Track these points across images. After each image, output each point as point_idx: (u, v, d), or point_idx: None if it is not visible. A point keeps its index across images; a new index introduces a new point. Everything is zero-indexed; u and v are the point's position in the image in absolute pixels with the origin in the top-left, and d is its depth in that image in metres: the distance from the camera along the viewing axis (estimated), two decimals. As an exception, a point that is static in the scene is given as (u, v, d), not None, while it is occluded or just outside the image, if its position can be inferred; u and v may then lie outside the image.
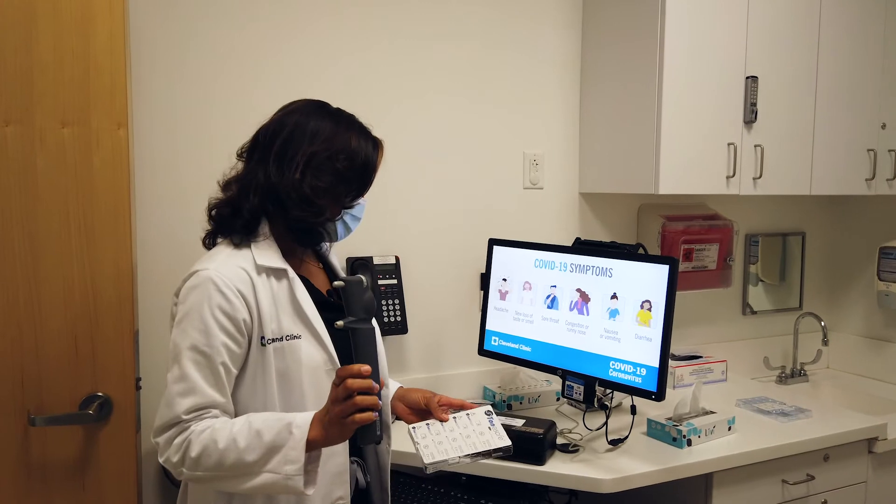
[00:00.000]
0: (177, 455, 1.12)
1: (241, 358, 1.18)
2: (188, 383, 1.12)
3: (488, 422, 1.34)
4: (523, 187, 2.26)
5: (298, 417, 1.11)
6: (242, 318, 1.16)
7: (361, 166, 1.28)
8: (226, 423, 1.12)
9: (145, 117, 1.77)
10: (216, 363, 1.14)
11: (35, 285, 1.40)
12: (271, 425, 1.10)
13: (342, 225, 1.31)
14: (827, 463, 1.92)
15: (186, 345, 1.14)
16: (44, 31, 1.38)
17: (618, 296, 1.71)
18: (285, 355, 1.19)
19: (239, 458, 1.08)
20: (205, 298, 1.14)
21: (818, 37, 2.18)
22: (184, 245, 1.80)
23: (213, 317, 1.14)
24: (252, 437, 1.09)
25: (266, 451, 1.08)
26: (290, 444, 1.08)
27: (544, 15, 2.23)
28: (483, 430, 1.32)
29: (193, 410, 1.12)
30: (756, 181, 2.12)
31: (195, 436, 1.11)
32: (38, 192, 1.39)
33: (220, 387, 1.15)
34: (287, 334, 1.20)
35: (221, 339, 1.14)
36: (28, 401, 1.41)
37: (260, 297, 1.18)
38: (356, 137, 1.28)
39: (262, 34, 1.90)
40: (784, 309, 2.67)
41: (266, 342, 1.18)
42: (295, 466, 1.07)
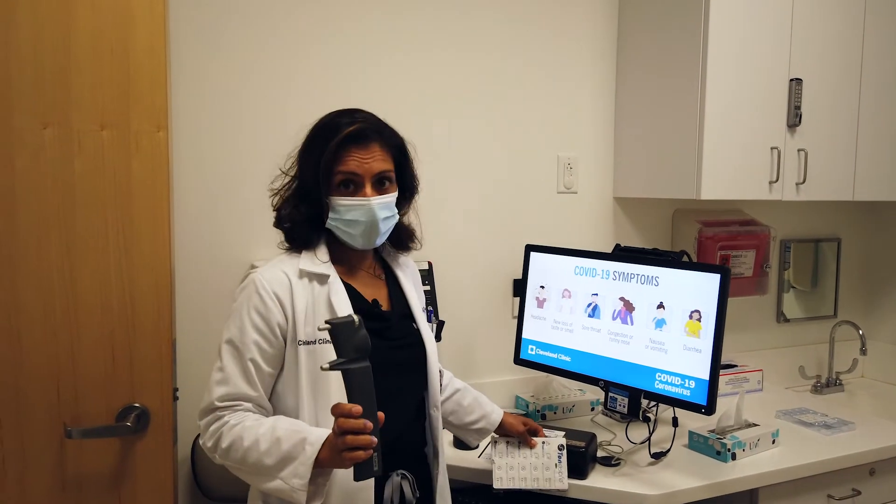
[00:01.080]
0: (211, 441, 1.21)
1: (275, 357, 1.23)
2: (224, 374, 1.21)
3: (557, 457, 1.54)
4: (557, 192, 2.22)
5: (314, 434, 1.15)
6: (277, 321, 1.22)
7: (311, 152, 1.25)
8: (256, 422, 1.18)
9: (185, 120, 1.73)
10: (246, 359, 1.21)
11: (72, 293, 1.35)
12: (290, 436, 1.15)
13: (339, 231, 1.27)
14: (873, 477, 1.87)
15: (226, 338, 1.23)
16: (82, 30, 1.33)
17: (665, 305, 1.66)
18: (316, 358, 1.22)
19: (259, 460, 1.15)
20: (246, 299, 1.23)
21: (862, 38, 2.13)
22: (222, 252, 1.77)
23: (249, 316, 1.22)
24: (273, 443, 1.14)
25: (282, 459, 1.13)
26: (301, 460, 1.12)
27: (580, 16, 2.19)
28: (549, 466, 1.54)
29: (227, 399, 1.20)
30: (799, 186, 2.07)
31: (227, 428, 1.18)
32: (75, 196, 1.34)
33: (251, 381, 1.21)
34: (320, 338, 1.22)
35: (254, 337, 1.21)
36: (64, 412, 1.36)
37: (297, 300, 1.23)
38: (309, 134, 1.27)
39: (300, 35, 1.86)
40: (818, 317, 2.62)
41: (300, 343, 1.22)
42: (301, 482, 1.12)
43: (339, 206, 1.24)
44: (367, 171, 1.24)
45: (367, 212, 1.25)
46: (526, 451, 1.54)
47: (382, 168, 1.26)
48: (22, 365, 1.34)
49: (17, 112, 1.30)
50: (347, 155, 1.22)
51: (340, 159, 1.22)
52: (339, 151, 1.22)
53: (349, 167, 1.23)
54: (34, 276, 1.34)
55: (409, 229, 1.42)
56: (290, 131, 1.31)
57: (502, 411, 1.60)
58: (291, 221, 1.28)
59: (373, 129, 1.25)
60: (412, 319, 1.37)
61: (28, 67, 1.31)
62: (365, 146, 1.23)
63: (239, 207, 1.79)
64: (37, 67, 1.31)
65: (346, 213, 1.24)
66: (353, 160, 1.22)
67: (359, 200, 1.24)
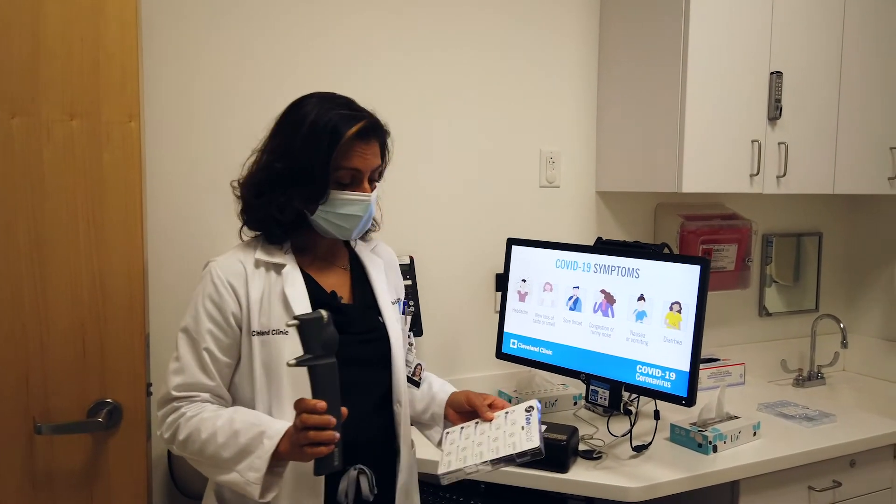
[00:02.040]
0: (168, 433, 1.20)
1: (231, 347, 1.22)
2: (180, 363, 1.20)
3: (525, 420, 1.22)
4: (539, 186, 2.21)
5: (272, 428, 1.14)
6: (231, 311, 1.21)
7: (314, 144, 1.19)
8: (213, 413, 1.18)
9: (157, 110, 1.70)
10: (200, 348, 1.20)
11: (41, 286, 1.33)
12: (248, 429, 1.14)
13: (328, 223, 1.24)
14: (853, 469, 1.88)
15: (182, 327, 1.22)
16: (51, 17, 1.30)
17: (645, 297, 1.66)
18: (269, 349, 1.21)
19: (216, 452, 1.14)
20: (202, 288, 1.23)
21: (842, 32, 2.13)
22: (197, 244, 1.74)
23: (204, 306, 1.21)
24: (230, 436, 1.14)
25: (239, 452, 1.13)
26: (258, 453, 1.12)
27: (562, 11, 2.18)
28: (514, 431, 1.19)
29: (183, 389, 1.19)
30: (780, 179, 2.08)
31: (184, 420, 1.18)
32: (44, 188, 1.32)
33: (207, 371, 1.20)
34: (274, 329, 1.21)
35: (208, 326, 1.20)
36: (33, 408, 1.34)
37: (251, 290, 1.22)
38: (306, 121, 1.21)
39: (278, 26, 1.83)
40: (799, 310, 2.63)
41: (254, 334, 1.21)
42: (256, 475, 1.11)
43: (339, 201, 1.22)
44: (368, 168, 1.24)
45: (365, 207, 1.24)
46: (484, 427, 1.25)
47: (378, 164, 1.27)
48: (-10, 359, 1.31)
49: (-17, 101, 1.28)
50: (353, 151, 1.21)
51: (348, 155, 1.21)
52: (348, 147, 1.20)
53: (354, 163, 1.22)
54: (2, 269, 1.31)
55: None
56: (266, 123, 1.28)
57: (451, 390, 1.42)
58: (274, 217, 1.23)
59: (377, 127, 1.25)
60: (378, 312, 1.32)
61: (-5, 55, 1.28)
62: (368, 142, 1.23)
63: (214, 199, 1.76)
64: (3, 56, 1.28)
65: (343, 206, 1.22)
66: (358, 156, 1.22)
67: (360, 196, 1.23)
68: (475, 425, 1.28)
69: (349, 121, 1.20)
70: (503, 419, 1.25)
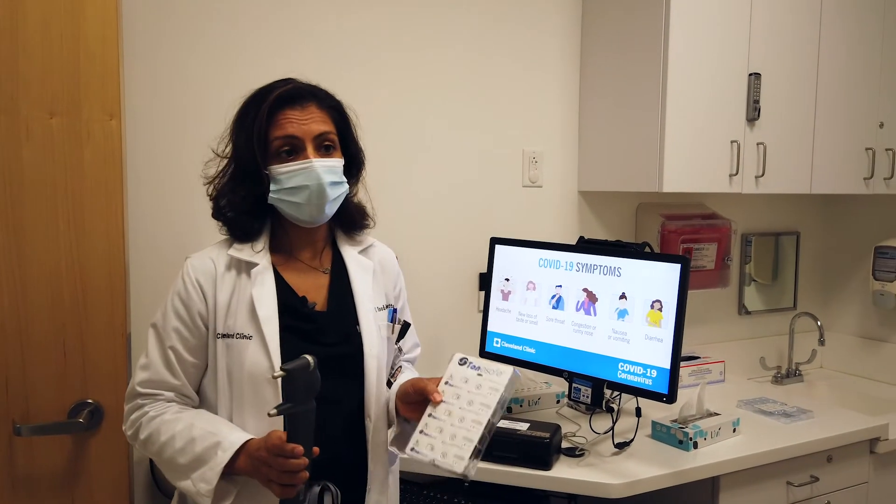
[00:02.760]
0: (130, 430, 1.19)
1: (198, 348, 1.19)
2: (147, 359, 1.19)
3: (474, 371, 1.14)
4: (522, 185, 2.22)
5: (228, 440, 1.11)
6: (198, 310, 1.19)
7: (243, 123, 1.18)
8: (175, 416, 1.16)
9: (138, 108, 1.68)
10: (166, 345, 1.18)
11: (21, 285, 1.31)
12: (205, 437, 1.12)
13: (285, 204, 1.18)
14: (830, 464, 1.91)
15: (152, 322, 1.21)
16: (31, 14, 1.29)
17: (627, 295, 1.67)
18: (232, 353, 1.17)
19: (172, 457, 1.13)
20: (174, 285, 1.21)
21: (819, 34, 2.17)
22: (179, 243, 1.72)
23: (173, 303, 1.19)
24: (187, 442, 1.12)
25: (193, 460, 1.11)
26: (210, 465, 1.10)
27: (544, 11, 2.19)
28: (472, 397, 1.12)
29: (148, 385, 1.18)
30: (758, 179, 2.11)
31: (147, 419, 1.17)
32: (23, 186, 1.31)
33: (172, 369, 1.18)
34: (239, 332, 1.17)
35: (174, 324, 1.18)
36: (13, 408, 1.32)
37: (220, 291, 1.19)
38: (240, 106, 1.22)
39: (258, 24, 1.83)
40: (778, 309, 2.67)
41: (218, 336, 1.18)
42: (207, 487, 1.10)
43: (280, 175, 1.15)
44: (307, 133, 1.16)
45: (310, 174, 1.15)
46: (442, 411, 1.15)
47: (322, 129, 1.18)
48: (-32, 360, 1.30)
49: (-39, 99, 1.26)
50: (283, 117, 1.15)
51: (276, 123, 1.14)
52: (273, 115, 1.14)
53: (286, 131, 1.15)
54: (-20, 269, 1.29)
55: (360, 206, 1.32)
56: None
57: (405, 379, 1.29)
58: (233, 211, 1.20)
59: (306, 90, 1.19)
60: (356, 320, 1.25)
61: (-28, 53, 1.27)
62: (301, 106, 1.16)
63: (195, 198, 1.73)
64: (-18, 53, 1.27)
65: (287, 180, 1.15)
66: (290, 123, 1.15)
67: (300, 164, 1.15)
68: (434, 416, 1.16)
69: (272, 89, 1.17)
70: (449, 390, 1.17)
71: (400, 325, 1.33)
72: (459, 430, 1.13)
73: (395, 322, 1.32)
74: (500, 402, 1.10)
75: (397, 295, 1.39)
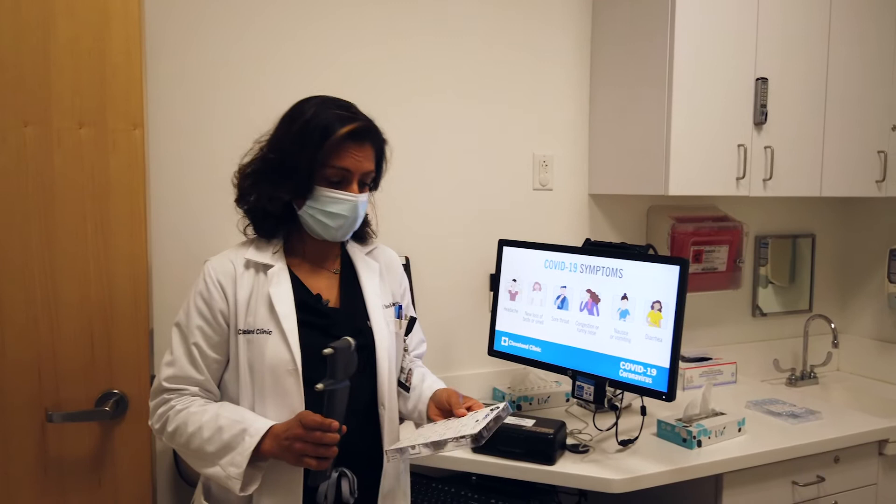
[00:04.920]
0: (158, 423, 1.26)
1: (220, 345, 1.26)
2: (172, 356, 1.26)
3: (484, 414, 1.23)
4: (533, 189, 2.27)
5: (254, 426, 1.19)
6: (219, 308, 1.26)
7: (305, 141, 1.22)
8: (201, 408, 1.23)
9: (161, 117, 1.78)
10: (190, 342, 1.25)
11: (52, 284, 1.42)
12: (231, 426, 1.19)
13: (314, 220, 1.26)
14: (837, 465, 1.92)
15: (175, 321, 1.28)
16: (62, 33, 1.40)
17: (628, 296, 1.72)
18: (253, 348, 1.25)
19: (200, 447, 1.20)
20: (195, 285, 1.28)
21: (828, 38, 2.18)
22: (197, 244, 1.82)
23: (195, 302, 1.26)
24: (214, 432, 1.19)
25: (222, 447, 1.19)
26: (239, 450, 1.17)
27: (554, 16, 2.24)
28: (468, 423, 1.22)
29: (173, 381, 1.25)
30: (766, 183, 2.12)
31: (173, 413, 1.23)
32: (55, 191, 1.41)
33: (196, 364, 1.25)
34: (259, 328, 1.25)
35: (197, 322, 1.25)
36: (45, 398, 1.43)
37: (239, 290, 1.26)
38: (303, 117, 1.24)
39: (272, 35, 1.91)
40: (793, 311, 2.67)
41: (240, 333, 1.25)
42: (237, 471, 1.17)
43: (325, 198, 1.24)
44: (359, 169, 1.26)
45: (352, 208, 1.27)
46: (450, 422, 1.27)
47: (370, 169, 1.29)
48: (4, 352, 1.40)
49: (-1, 111, 1.37)
50: (344, 150, 1.24)
51: (338, 154, 1.23)
52: (338, 146, 1.23)
53: (345, 163, 1.24)
54: (15, 268, 1.40)
55: (367, 220, 1.42)
56: (265, 127, 1.34)
57: (435, 388, 1.40)
58: (260, 207, 1.27)
59: (370, 130, 1.28)
60: (366, 316, 1.33)
61: (10, 69, 1.37)
62: (361, 145, 1.26)
63: (213, 202, 1.84)
64: (18, 69, 1.38)
65: (330, 204, 1.25)
66: (350, 157, 1.24)
67: (347, 195, 1.26)
68: (446, 421, 1.30)
69: (343, 120, 1.23)
70: (470, 416, 1.27)
71: (407, 320, 1.43)
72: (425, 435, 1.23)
73: (401, 318, 1.42)
74: (444, 441, 1.17)
75: (402, 293, 1.48)
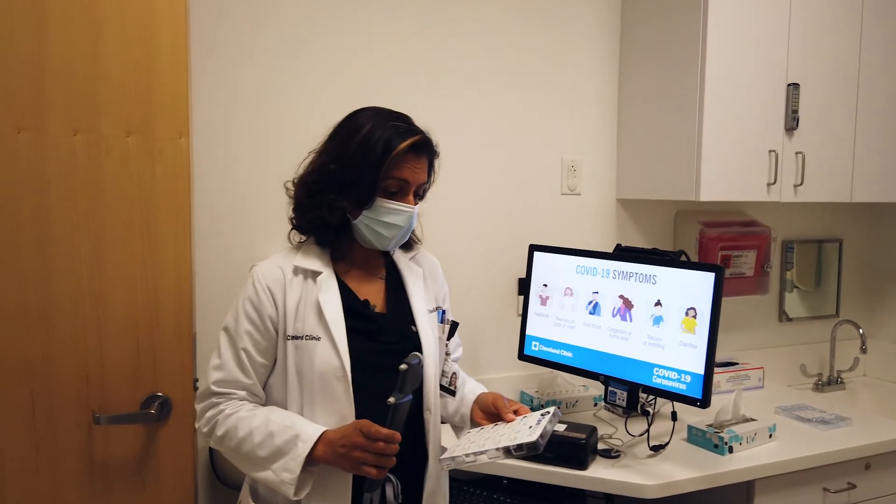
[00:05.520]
0: (206, 427, 1.28)
1: (268, 350, 1.28)
2: (220, 360, 1.28)
3: (536, 420, 1.24)
4: (561, 193, 2.28)
5: (306, 432, 1.20)
6: (268, 314, 1.27)
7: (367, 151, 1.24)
8: (250, 412, 1.25)
9: (205, 125, 1.82)
10: (238, 347, 1.27)
11: (100, 289, 1.45)
12: (283, 431, 1.21)
13: (369, 230, 1.29)
14: (869, 471, 1.92)
15: (223, 326, 1.30)
16: (110, 43, 1.42)
17: (662, 303, 1.72)
18: (302, 354, 1.26)
19: (251, 451, 1.22)
20: (244, 291, 1.30)
21: (860, 44, 2.17)
22: (238, 251, 1.85)
23: (244, 307, 1.28)
24: (266, 437, 1.21)
25: (273, 452, 1.20)
26: (292, 455, 1.19)
27: (583, 21, 2.25)
28: (521, 429, 1.23)
29: (222, 384, 1.27)
30: (797, 188, 2.13)
31: (223, 417, 1.25)
32: (103, 198, 1.44)
33: (244, 369, 1.27)
34: (308, 334, 1.26)
35: (246, 327, 1.27)
36: (92, 400, 1.46)
37: (288, 296, 1.28)
38: (363, 129, 1.26)
39: (315, 38, 1.93)
40: (820, 316, 2.66)
41: (288, 338, 1.27)
42: (290, 476, 1.19)
43: (383, 208, 1.27)
44: (416, 181, 1.30)
45: (407, 218, 1.30)
46: (500, 428, 1.28)
47: (424, 180, 1.33)
48: (53, 356, 1.43)
49: (49, 119, 1.40)
50: (405, 163, 1.27)
51: (398, 166, 1.26)
52: (400, 158, 1.26)
53: (404, 174, 1.27)
54: (65, 273, 1.43)
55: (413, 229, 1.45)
56: (305, 136, 1.38)
57: (478, 392, 1.44)
58: (324, 219, 1.28)
59: (428, 143, 1.31)
60: (412, 321, 1.36)
61: (60, 78, 1.40)
62: (419, 157, 1.29)
63: (255, 209, 1.88)
64: (68, 78, 1.41)
65: (387, 215, 1.27)
66: (409, 169, 1.27)
67: (405, 206, 1.29)
68: (493, 426, 1.31)
69: (404, 133, 1.27)
70: (519, 420, 1.28)
71: (449, 324, 1.45)
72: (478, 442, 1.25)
73: (444, 322, 1.44)
74: (503, 450, 1.18)
75: (443, 297, 1.50)
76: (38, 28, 1.38)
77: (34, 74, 1.39)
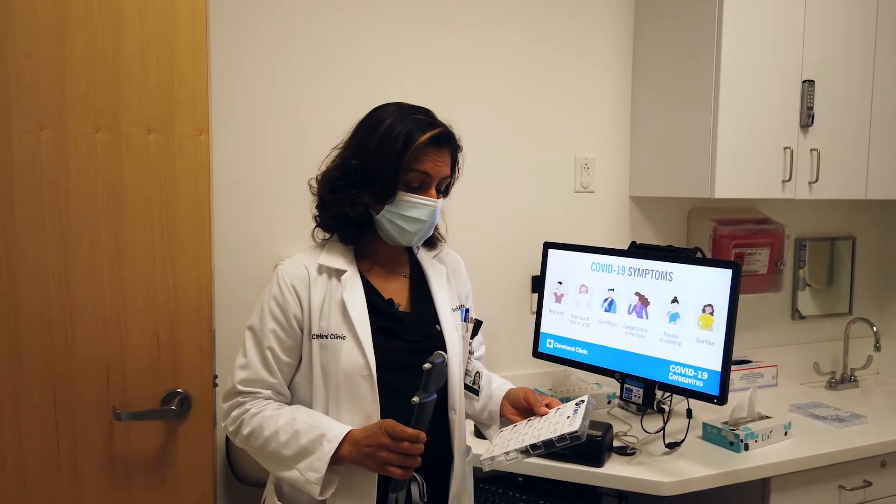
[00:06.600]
0: (232, 426, 1.28)
1: (293, 349, 1.28)
2: (246, 359, 1.28)
3: (573, 411, 1.22)
4: (574, 191, 2.28)
5: (332, 431, 1.20)
6: (293, 313, 1.27)
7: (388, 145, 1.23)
8: (275, 412, 1.25)
9: (225, 124, 1.83)
10: (264, 346, 1.27)
11: (120, 286, 1.45)
12: (309, 430, 1.21)
13: (391, 225, 1.28)
14: (884, 469, 1.92)
15: (248, 325, 1.30)
16: (131, 41, 1.43)
17: (678, 300, 1.72)
18: (327, 353, 1.26)
19: (277, 450, 1.22)
20: (269, 289, 1.29)
21: (875, 41, 2.17)
22: (257, 249, 1.87)
23: (269, 306, 1.28)
24: (291, 436, 1.21)
25: (299, 452, 1.20)
26: (318, 455, 1.19)
27: (597, 18, 2.25)
28: (559, 420, 1.21)
29: (247, 384, 1.27)
30: (812, 185, 2.12)
31: (249, 416, 1.25)
32: (124, 196, 1.45)
33: (270, 368, 1.27)
34: (333, 333, 1.26)
35: (271, 326, 1.27)
36: (113, 397, 1.47)
37: (313, 295, 1.28)
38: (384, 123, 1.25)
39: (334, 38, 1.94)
40: (833, 314, 2.66)
41: (314, 337, 1.27)
42: (316, 476, 1.19)
43: (405, 202, 1.26)
44: (438, 174, 1.28)
45: (430, 212, 1.28)
46: (534, 422, 1.27)
47: (447, 174, 1.31)
48: (75, 352, 1.44)
49: (71, 118, 1.41)
50: (427, 156, 1.25)
51: (419, 158, 1.25)
52: (421, 151, 1.24)
53: (425, 167, 1.25)
54: (86, 270, 1.44)
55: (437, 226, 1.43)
56: (323, 133, 1.38)
57: (507, 388, 1.42)
58: (347, 215, 1.27)
59: (450, 136, 1.30)
60: (436, 320, 1.35)
61: (81, 76, 1.41)
62: (440, 150, 1.27)
63: (274, 207, 1.89)
64: (89, 76, 1.41)
65: (409, 209, 1.26)
66: (431, 162, 1.26)
67: (427, 200, 1.27)
68: (527, 421, 1.30)
69: (425, 126, 1.25)
70: (554, 413, 1.27)
71: (472, 323, 1.44)
72: (516, 439, 1.24)
73: (467, 321, 1.43)
74: (546, 443, 1.18)
75: (466, 296, 1.50)
76: (60, 27, 1.39)
77: (55, 73, 1.39)
